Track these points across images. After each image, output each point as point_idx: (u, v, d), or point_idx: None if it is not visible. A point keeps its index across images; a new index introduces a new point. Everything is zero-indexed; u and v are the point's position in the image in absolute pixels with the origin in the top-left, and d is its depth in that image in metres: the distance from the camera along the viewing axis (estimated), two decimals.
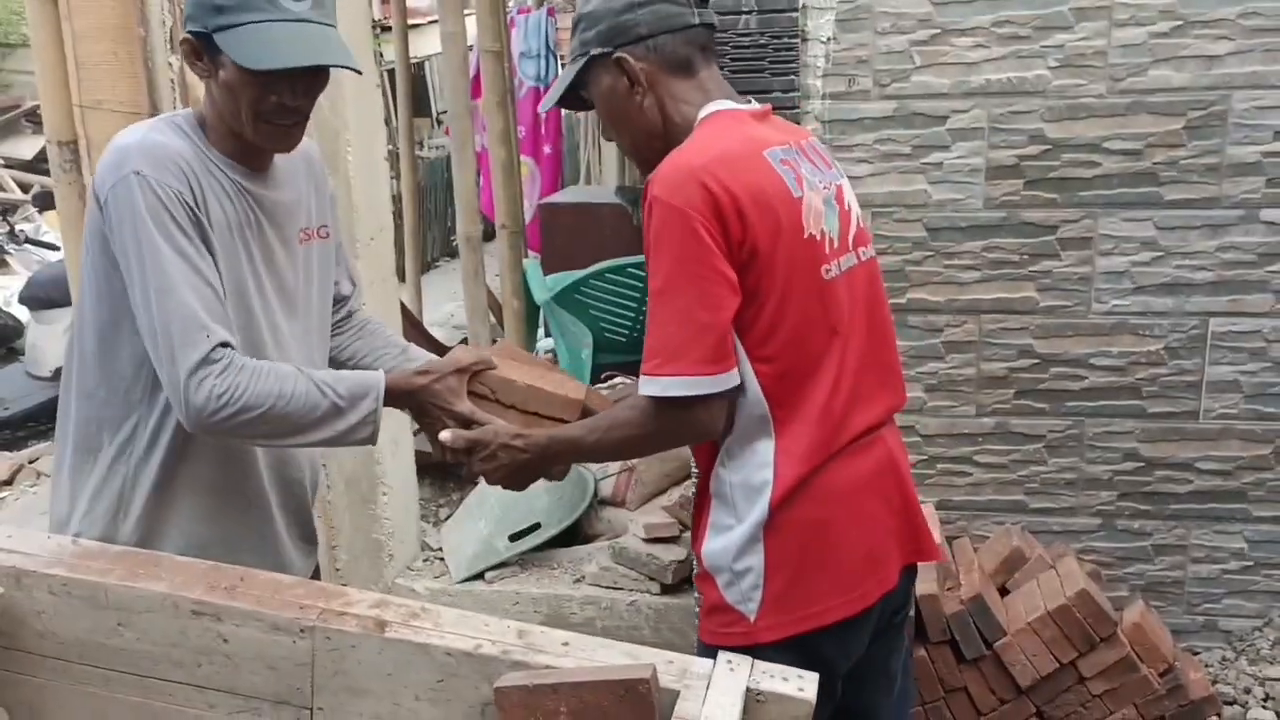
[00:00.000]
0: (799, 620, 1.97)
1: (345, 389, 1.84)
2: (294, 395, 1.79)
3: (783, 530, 1.94)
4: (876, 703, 2.26)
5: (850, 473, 2.00)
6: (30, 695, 1.77)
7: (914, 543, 2.09)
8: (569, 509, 4.07)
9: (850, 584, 1.99)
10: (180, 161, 1.76)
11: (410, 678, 1.70)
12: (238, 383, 1.74)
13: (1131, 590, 3.07)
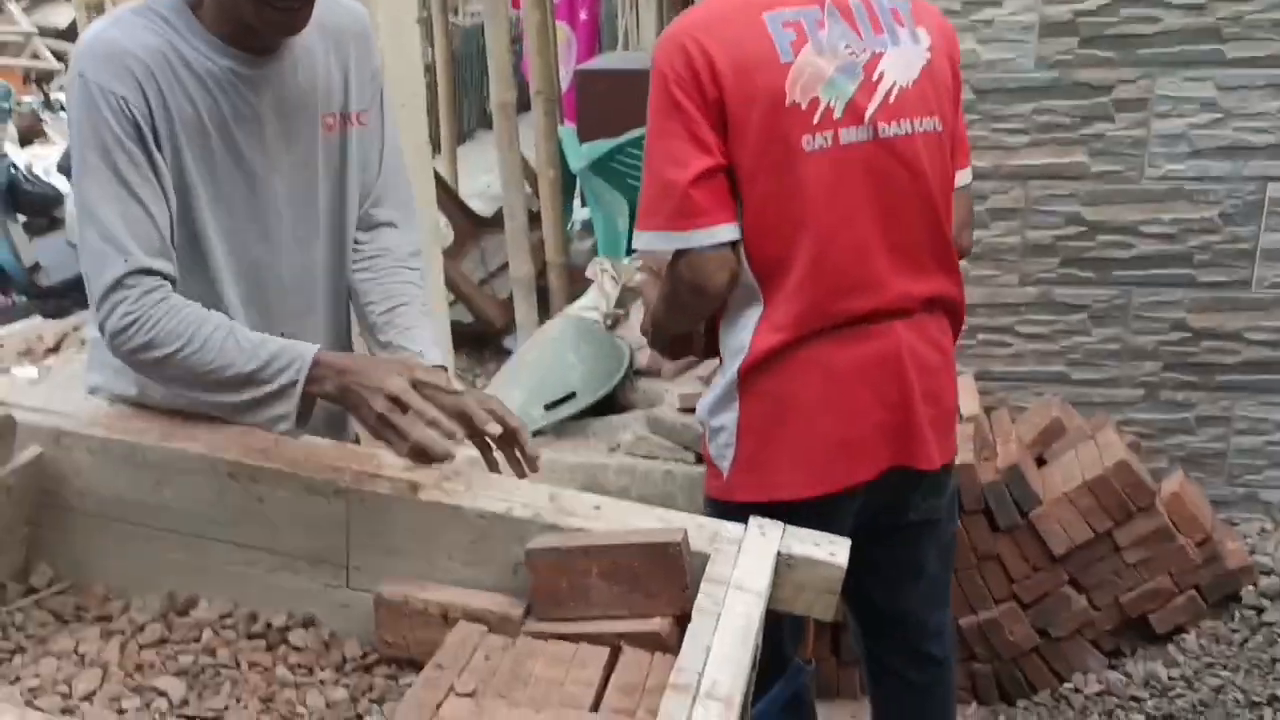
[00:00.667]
0: (763, 488, 1.99)
1: (267, 352, 1.63)
2: (206, 343, 1.62)
3: (755, 396, 1.97)
4: (904, 595, 2.26)
5: (838, 356, 1.96)
6: (73, 551, 1.81)
7: (905, 444, 2.02)
8: (604, 378, 4.07)
9: (815, 465, 1.98)
10: (132, 62, 1.58)
11: (443, 539, 1.71)
12: (150, 315, 1.61)
13: (1171, 462, 3.04)
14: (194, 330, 1.62)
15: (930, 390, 2.01)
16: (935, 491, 2.15)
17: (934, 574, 2.26)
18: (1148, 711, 2.56)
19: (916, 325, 2.00)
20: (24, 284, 6.08)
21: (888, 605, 2.27)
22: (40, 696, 1.54)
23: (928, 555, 2.22)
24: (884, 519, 2.13)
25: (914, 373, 1.99)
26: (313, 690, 1.65)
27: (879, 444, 2.01)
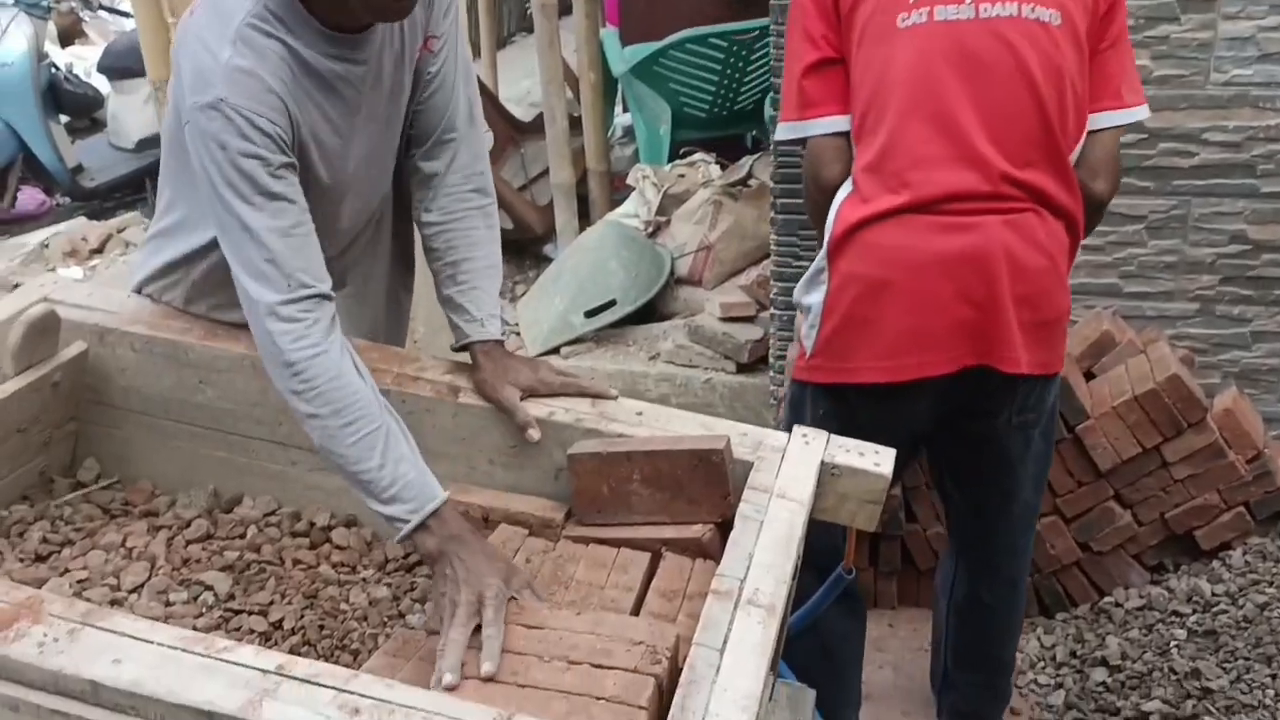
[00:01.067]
0: (838, 370, 2.02)
1: (400, 477, 1.50)
2: (350, 428, 1.50)
3: (840, 277, 1.99)
4: (992, 509, 2.23)
5: (926, 245, 1.93)
6: (119, 448, 1.82)
7: (988, 344, 1.97)
8: (645, 286, 4.04)
9: (887, 352, 1.98)
10: (272, 82, 1.51)
11: (484, 443, 1.71)
12: (312, 370, 1.50)
13: (1225, 377, 2.97)
14: (346, 406, 1.50)
15: (1027, 294, 1.95)
16: (1029, 403, 2.08)
17: (1029, 499, 2.23)
18: (1189, 627, 2.54)
19: (1018, 224, 1.94)
20: (68, 185, 6.09)
21: (981, 526, 2.25)
22: (89, 588, 1.57)
23: (1022, 476, 2.17)
24: (973, 425, 2.10)
25: (1008, 273, 1.93)
26: (355, 588, 1.67)
27: (958, 340, 1.97)
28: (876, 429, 1.99)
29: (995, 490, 2.19)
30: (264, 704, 1.13)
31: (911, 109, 1.90)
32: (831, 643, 2.23)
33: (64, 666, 1.17)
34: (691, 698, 1.17)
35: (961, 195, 1.91)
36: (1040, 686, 2.62)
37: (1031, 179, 1.93)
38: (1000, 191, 1.91)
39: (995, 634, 2.37)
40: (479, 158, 1.86)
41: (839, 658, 2.28)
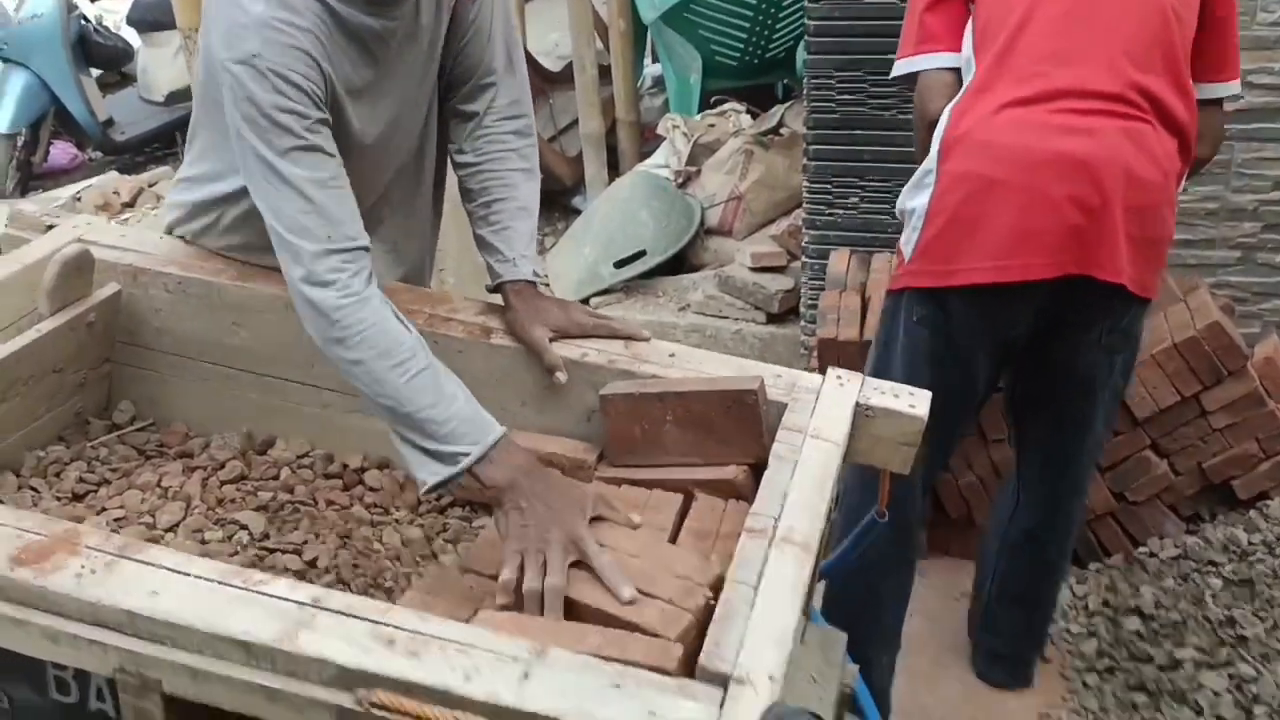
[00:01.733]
0: (940, 273, 2.00)
1: (455, 411, 1.47)
2: (400, 368, 1.48)
3: (950, 176, 1.98)
4: (1065, 441, 2.22)
5: (1042, 145, 1.92)
6: (152, 390, 1.83)
7: (1094, 251, 1.93)
8: (675, 237, 4.02)
9: (993, 253, 1.95)
10: (305, 38, 1.49)
11: (516, 383, 1.70)
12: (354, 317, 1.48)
13: (1266, 326, 2.92)
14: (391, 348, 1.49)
15: (1138, 207, 1.93)
16: (1120, 324, 2.06)
17: (1099, 430, 2.21)
18: (1225, 576, 2.52)
19: (1136, 134, 1.92)
20: (99, 139, 6.10)
21: (1054, 457, 2.24)
22: (125, 526, 1.59)
23: (1099, 405, 2.16)
24: (1062, 344, 2.08)
25: (1122, 183, 1.90)
26: (388, 529, 1.68)
27: (1065, 245, 1.94)
28: (971, 335, 1.99)
29: (1072, 417, 2.18)
30: (300, 635, 1.14)
31: (1039, 9, 1.95)
32: (876, 580, 2.22)
33: (101, 598, 1.18)
34: (725, 633, 1.16)
35: (1089, 93, 1.91)
36: (1072, 635, 2.61)
37: (1155, 88, 1.92)
38: (1125, 95, 1.91)
39: (1044, 571, 2.36)
40: (518, 102, 1.84)
41: (882, 597, 2.27)
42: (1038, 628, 2.44)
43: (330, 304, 1.48)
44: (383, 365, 1.48)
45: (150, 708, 1.19)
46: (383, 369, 1.48)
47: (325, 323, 1.49)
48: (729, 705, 1.09)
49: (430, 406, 1.47)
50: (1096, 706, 2.39)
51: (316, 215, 1.50)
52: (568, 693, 1.09)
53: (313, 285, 1.49)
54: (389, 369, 1.48)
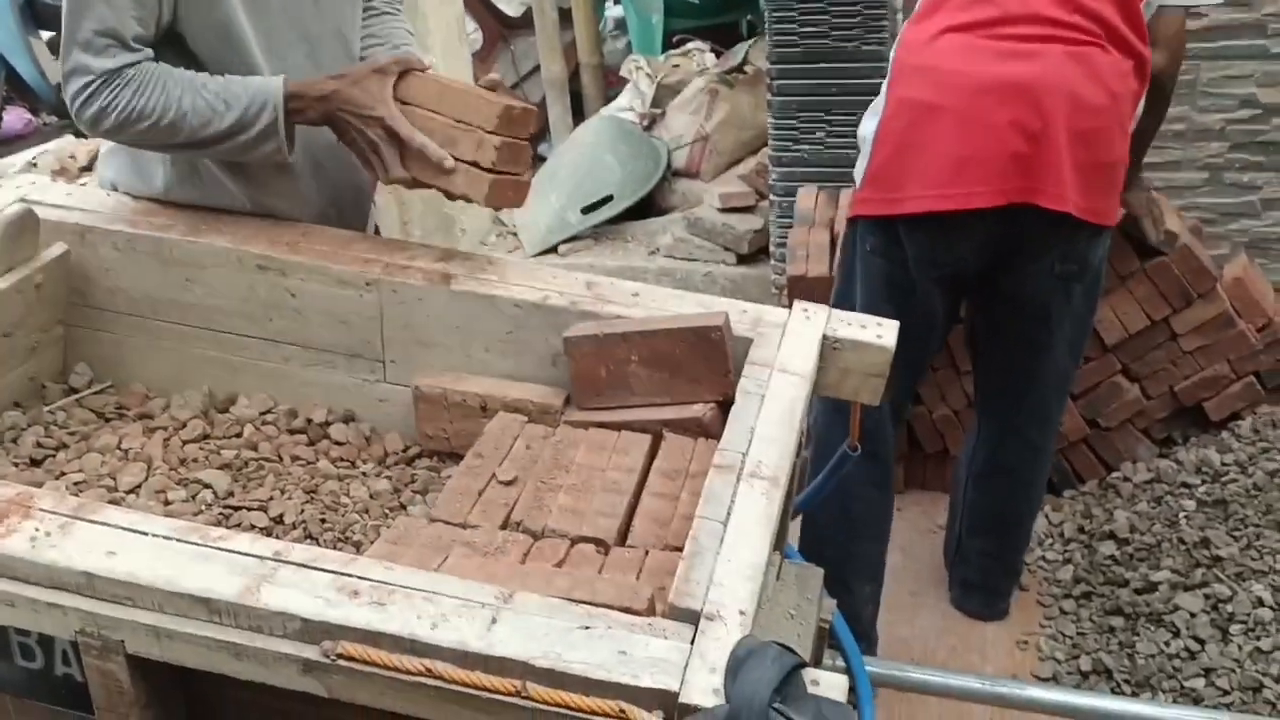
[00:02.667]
0: (885, 201, 2.00)
1: (240, 102, 1.63)
2: (180, 109, 1.62)
3: (898, 103, 1.96)
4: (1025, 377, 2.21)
5: (987, 70, 1.90)
6: (108, 351, 1.79)
7: (1037, 180, 1.92)
8: (642, 180, 3.98)
9: (935, 181, 1.94)
10: None
11: (479, 329, 1.68)
12: (118, 97, 1.61)
13: (1234, 247, 2.92)
14: (164, 100, 1.62)
15: (1084, 130, 1.91)
16: (1073, 252, 2.04)
17: (1059, 360, 2.20)
18: (1199, 498, 2.53)
19: (1083, 57, 1.90)
20: (53, 103, 5.98)
21: (1005, 378, 2.24)
22: (86, 490, 1.55)
23: (1058, 335, 2.14)
24: (1015, 275, 2.06)
25: (1066, 107, 1.88)
26: (355, 482, 1.65)
27: (1008, 173, 1.92)
28: (921, 264, 1.98)
29: (1027, 346, 2.17)
30: (262, 589, 1.12)
31: None
32: (853, 509, 2.22)
33: (57, 560, 1.15)
34: (695, 569, 1.15)
35: (1035, 18, 1.89)
36: (1048, 563, 2.62)
37: (1106, 13, 1.90)
38: (1071, 20, 1.89)
39: (1012, 501, 2.37)
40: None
41: (860, 526, 2.27)
42: (1009, 558, 2.45)
43: (93, 103, 1.62)
44: (166, 120, 1.62)
45: (114, 669, 1.17)
46: (167, 123, 1.62)
47: (96, 119, 1.63)
48: (700, 641, 1.08)
49: (224, 113, 1.62)
50: (1074, 632, 2.41)
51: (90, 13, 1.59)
52: (536, 636, 1.08)
53: (72, 88, 1.63)
54: (172, 120, 1.62)
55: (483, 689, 1.05)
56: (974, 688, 1.90)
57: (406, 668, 1.07)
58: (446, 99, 1.67)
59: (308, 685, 1.11)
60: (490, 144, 1.63)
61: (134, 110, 1.62)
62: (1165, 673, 2.22)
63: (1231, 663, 2.18)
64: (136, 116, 1.62)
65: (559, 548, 1.34)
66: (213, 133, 1.64)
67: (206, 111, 1.63)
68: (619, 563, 1.31)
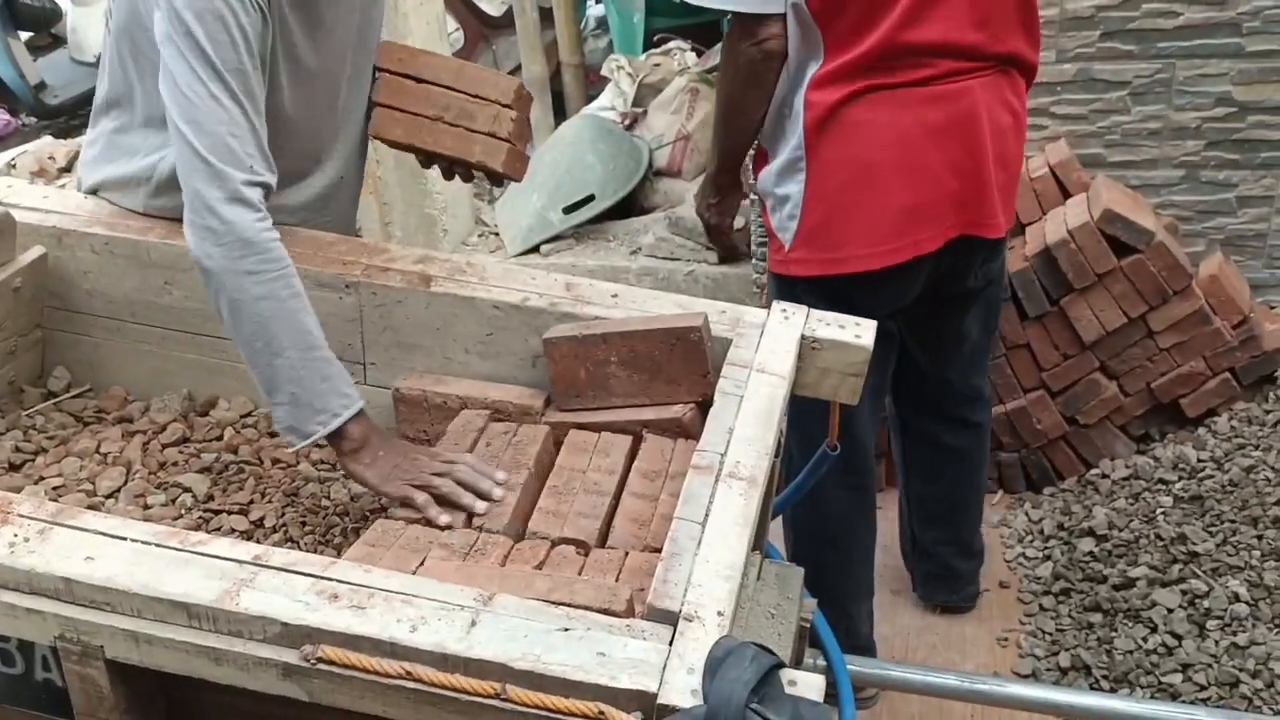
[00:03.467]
0: (827, 262, 1.97)
1: (309, 378, 1.47)
2: (257, 342, 1.47)
3: (825, 162, 1.91)
4: (945, 360, 2.25)
5: (911, 116, 1.89)
6: (88, 355, 1.79)
7: (974, 213, 1.97)
8: (623, 180, 3.97)
9: (883, 236, 1.94)
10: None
11: (458, 331, 1.68)
12: (270, 248, 1.48)
13: (1210, 244, 2.94)
14: (300, 290, 1.50)
15: (1001, 154, 1.95)
16: (993, 257, 2.11)
17: (977, 339, 2.24)
18: (1175, 493, 2.55)
19: (992, 84, 1.92)
20: (31, 103, 5.94)
21: (930, 370, 2.25)
22: (64, 494, 1.55)
23: (974, 322, 2.20)
24: (943, 288, 2.09)
25: (989, 136, 1.91)
26: (336, 485, 1.65)
27: (948, 212, 1.95)
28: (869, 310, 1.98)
29: (952, 339, 2.21)
30: (241, 594, 1.12)
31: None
32: (836, 529, 2.24)
33: (36, 565, 1.15)
34: (673, 570, 1.16)
35: (948, 52, 1.86)
36: (1029, 559, 2.64)
37: (1004, 37, 1.90)
38: (985, 47, 1.88)
39: (958, 484, 2.39)
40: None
41: (856, 552, 2.28)
42: (967, 539, 2.47)
43: (251, 234, 1.46)
44: (294, 303, 1.48)
45: (94, 674, 1.17)
46: (294, 306, 1.48)
47: (240, 252, 1.45)
48: (678, 642, 1.08)
49: (325, 350, 1.49)
50: (1053, 628, 2.43)
51: (242, 141, 1.48)
52: (516, 638, 1.08)
53: (236, 204, 1.46)
54: (299, 307, 1.48)
55: (462, 691, 1.06)
56: (954, 685, 1.91)
57: (386, 671, 1.07)
58: (464, 76, 1.79)
59: (287, 689, 1.12)
60: (507, 116, 1.77)
61: (232, 302, 1.47)
62: (1143, 668, 2.24)
63: (1208, 658, 2.19)
64: (230, 309, 1.47)
65: (539, 549, 1.35)
66: (306, 343, 1.48)
67: (318, 328, 1.50)
68: (599, 564, 1.32)
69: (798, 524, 2.26)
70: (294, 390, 1.47)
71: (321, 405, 1.47)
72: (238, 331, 1.48)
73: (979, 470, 2.41)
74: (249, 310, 1.47)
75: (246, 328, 1.47)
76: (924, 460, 2.38)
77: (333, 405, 1.48)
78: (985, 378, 2.36)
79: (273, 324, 1.46)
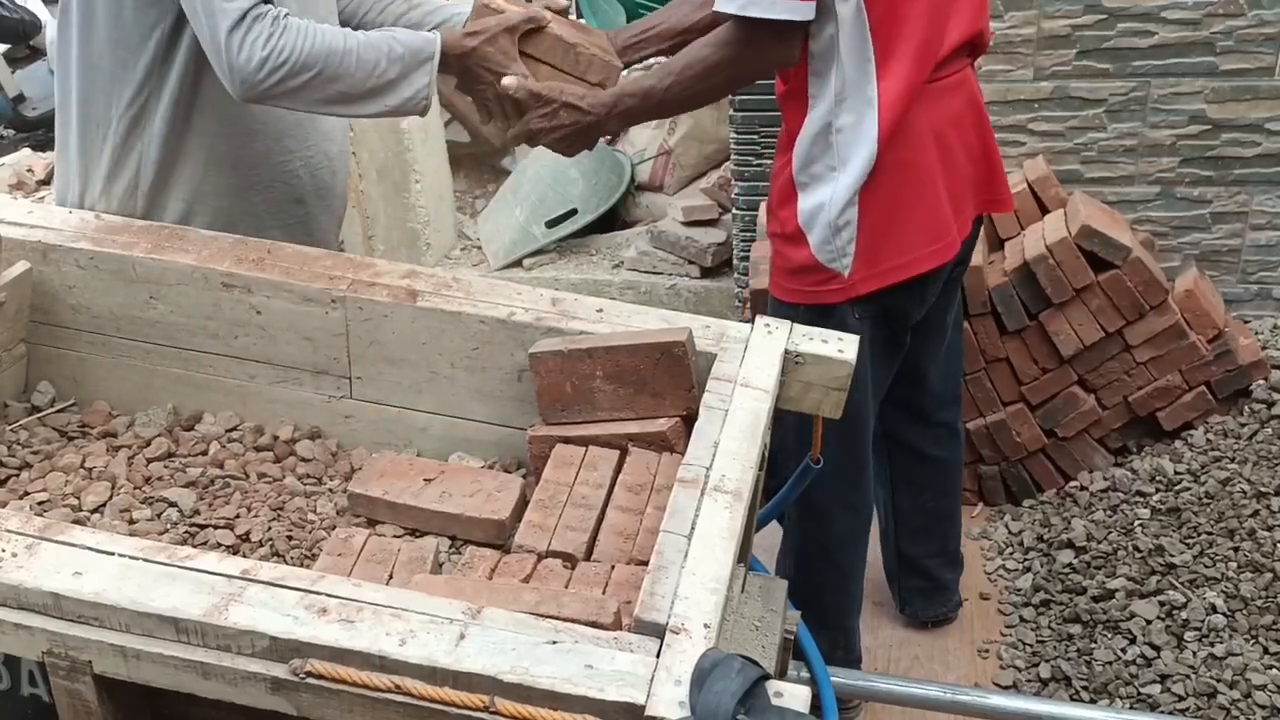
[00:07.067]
0: (890, 271, 1.94)
1: (400, 54, 1.72)
2: (347, 57, 1.68)
3: (877, 175, 1.88)
4: (929, 353, 2.26)
5: (938, 111, 1.92)
6: (72, 369, 1.79)
7: (989, 191, 2.03)
8: (606, 194, 4.00)
9: (937, 233, 1.95)
10: None
11: (444, 346, 1.69)
12: (284, 43, 1.63)
13: (1185, 259, 2.98)
14: (331, 45, 1.67)
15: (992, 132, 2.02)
16: (973, 244, 2.14)
17: (952, 338, 2.27)
18: (1153, 506, 2.58)
19: (973, 70, 1.99)
20: (9, 116, 5.91)
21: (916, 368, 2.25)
22: (49, 509, 1.55)
23: (950, 315, 2.22)
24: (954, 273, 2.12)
25: (986, 117, 1.99)
26: (322, 498, 1.66)
27: (971, 195, 2.00)
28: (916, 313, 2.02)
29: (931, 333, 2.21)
30: (230, 608, 1.13)
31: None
32: (839, 550, 2.24)
33: (24, 580, 1.15)
34: (660, 583, 1.17)
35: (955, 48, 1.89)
36: (1009, 571, 2.66)
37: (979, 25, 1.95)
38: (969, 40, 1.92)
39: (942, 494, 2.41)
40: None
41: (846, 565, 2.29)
42: (950, 548, 2.48)
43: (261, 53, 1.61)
44: (336, 65, 1.67)
45: (82, 689, 1.17)
46: (337, 68, 1.67)
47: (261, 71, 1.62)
48: (665, 655, 1.10)
49: (388, 61, 1.71)
50: (1033, 639, 2.45)
51: None
52: (504, 651, 1.09)
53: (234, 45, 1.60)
54: (343, 64, 1.67)
55: (451, 704, 1.06)
56: (936, 696, 1.93)
57: (375, 684, 1.08)
58: (570, 58, 1.88)
59: (276, 704, 1.12)
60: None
61: (300, 55, 1.64)
62: (1122, 679, 2.26)
63: (1186, 669, 2.22)
64: (302, 65, 1.64)
65: (526, 563, 1.36)
66: (371, 86, 1.71)
67: (369, 64, 1.70)
68: (585, 577, 1.33)
69: (801, 548, 2.23)
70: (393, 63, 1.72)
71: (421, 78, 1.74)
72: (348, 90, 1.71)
73: (958, 477, 2.44)
74: (316, 106, 1.72)
75: (339, 78, 1.68)
76: (909, 474, 2.39)
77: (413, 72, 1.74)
78: (961, 376, 2.39)
79: (340, 93, 1.69)
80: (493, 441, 1.71)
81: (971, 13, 1.92)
